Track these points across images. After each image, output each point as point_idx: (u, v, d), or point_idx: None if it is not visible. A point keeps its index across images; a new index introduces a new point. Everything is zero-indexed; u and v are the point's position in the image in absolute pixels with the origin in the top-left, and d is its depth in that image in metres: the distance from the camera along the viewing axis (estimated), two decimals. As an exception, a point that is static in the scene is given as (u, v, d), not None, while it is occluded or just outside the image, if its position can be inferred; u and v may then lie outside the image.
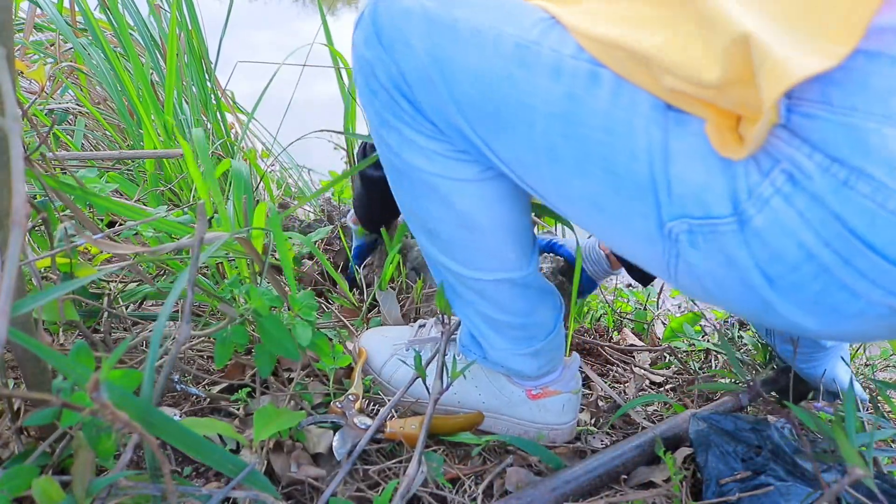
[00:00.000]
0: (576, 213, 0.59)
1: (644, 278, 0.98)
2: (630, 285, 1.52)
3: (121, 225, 1.04)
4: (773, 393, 0.95)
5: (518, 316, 0.73)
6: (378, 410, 0.81)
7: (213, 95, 1.32)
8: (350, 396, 0.76)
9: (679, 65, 0.46)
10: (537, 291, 0.73)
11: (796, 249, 0.46)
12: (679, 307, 1.58)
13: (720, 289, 0.53)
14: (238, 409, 0.75)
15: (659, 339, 1.23)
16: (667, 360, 1.12)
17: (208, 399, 0.75)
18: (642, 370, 1.06)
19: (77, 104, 1.33)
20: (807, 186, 0.44)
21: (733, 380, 0.97)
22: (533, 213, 0.79)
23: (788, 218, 0.45)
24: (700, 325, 1.20)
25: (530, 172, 0.59)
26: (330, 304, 1.06)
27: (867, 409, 0.99)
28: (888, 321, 0.48)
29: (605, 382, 0.98)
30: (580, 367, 0.99)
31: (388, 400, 0.79)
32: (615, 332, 1.23)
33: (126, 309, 0.89)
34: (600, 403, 0.92)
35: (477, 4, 0.58)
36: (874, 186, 0.42)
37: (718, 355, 1.13)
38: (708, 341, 1.17)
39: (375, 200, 1.01)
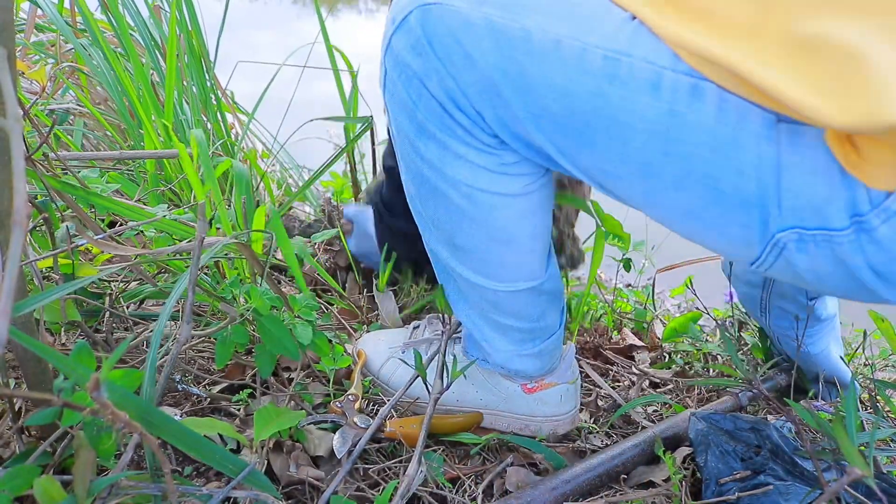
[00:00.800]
0: (663, 217, 0.58)
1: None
2: (630, 285, 1.52)
3: (122, 225, 1.04)
4: (773, 392, 0.95)
5: (528, 321, 0.72)
6: (378, 411, 0.81)
7: (213, 95, 1.32)
8: (350, 396, 0.76)
9: (802, 106, 0.44)
10: (549, 297, 0.73)
11: None
12: (679, 307, 1.58)
13: (818, 279, 0.53)
14: (238, 410, 0.75)
15: (659, 339, 1.23)
16: (667, 360, 1.12)
17: (209, 399, 0.76)
18: (642, 370, 1.06)
19: (78, 104, 1.33)
20: None
21: (735, 377, 0.97)
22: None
23: None
24: (700, 325, 1.20)
25: (618, 184, 0.56)
26: (330, 304, 1.06)
27: (866, 407, 0.99)
28: None
29: (606, 382, 0.98)
30: (580, 367, 0.99)
31: (388, 401, 0.80)
32: (615, 332, 1.23)
33: (127, 308, 0.89)
34: (600, 403, 0.92)
35: (548, 11, 0.53)
36: None
37: (718, 355, 1.13)
38: (707, 341, 1.17)
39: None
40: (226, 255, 0.82)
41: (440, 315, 0.87)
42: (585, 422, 0.86)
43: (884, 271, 0.49)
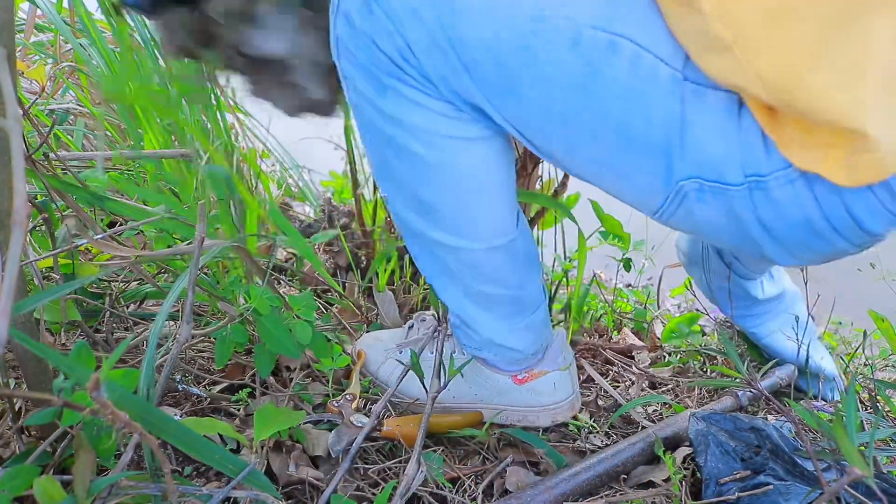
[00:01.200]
0: (578, 167, 0.62)
1: None
2: (630, 285, 1.52)
3: (121, 225, 1.04)
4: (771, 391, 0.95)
5: (511, 288, 0.73)
6: (378, 410, 0.81)
7: (213, 95, 1.31)
8: (347, 396, 0.76)
9: (826, 109, 0.48)
10: (526, 259, 0.73)
11: (801, 217, 0.54)
12: (679, 307, 1.57)
13: (712, 229, 0.59)
14: (238, 410, 0.75)
15: (659, 339, 1.23)
16: (666, 360, 1.12)
17: (209, 399, 0.76)
18: (642, 370, 1.06)
19: (78, 104, 1.33)
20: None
21: (735, 377, 0.97)
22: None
23: (805, 198, 0.53)
24: (700, 325, 1.20)
25: (540, 136, 0.60)
26: (330, 304, 1.06)
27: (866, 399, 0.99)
28: (833, 252, 0.59)
29: (606, 382, 0.98)
30: (580, 367, 0.99)
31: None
32: (615, 332, 1.23)
33: (127, 308, 0.89)
34: (600, 403, 0.92)
35: None
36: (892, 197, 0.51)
37: (717, 355, 1.13)
38: (706, 342, 1.17)
39: None
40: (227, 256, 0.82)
41: (434, 313, 0.87)
42: (585, 422, 0.86)
43: (772, 227, 0.56)
